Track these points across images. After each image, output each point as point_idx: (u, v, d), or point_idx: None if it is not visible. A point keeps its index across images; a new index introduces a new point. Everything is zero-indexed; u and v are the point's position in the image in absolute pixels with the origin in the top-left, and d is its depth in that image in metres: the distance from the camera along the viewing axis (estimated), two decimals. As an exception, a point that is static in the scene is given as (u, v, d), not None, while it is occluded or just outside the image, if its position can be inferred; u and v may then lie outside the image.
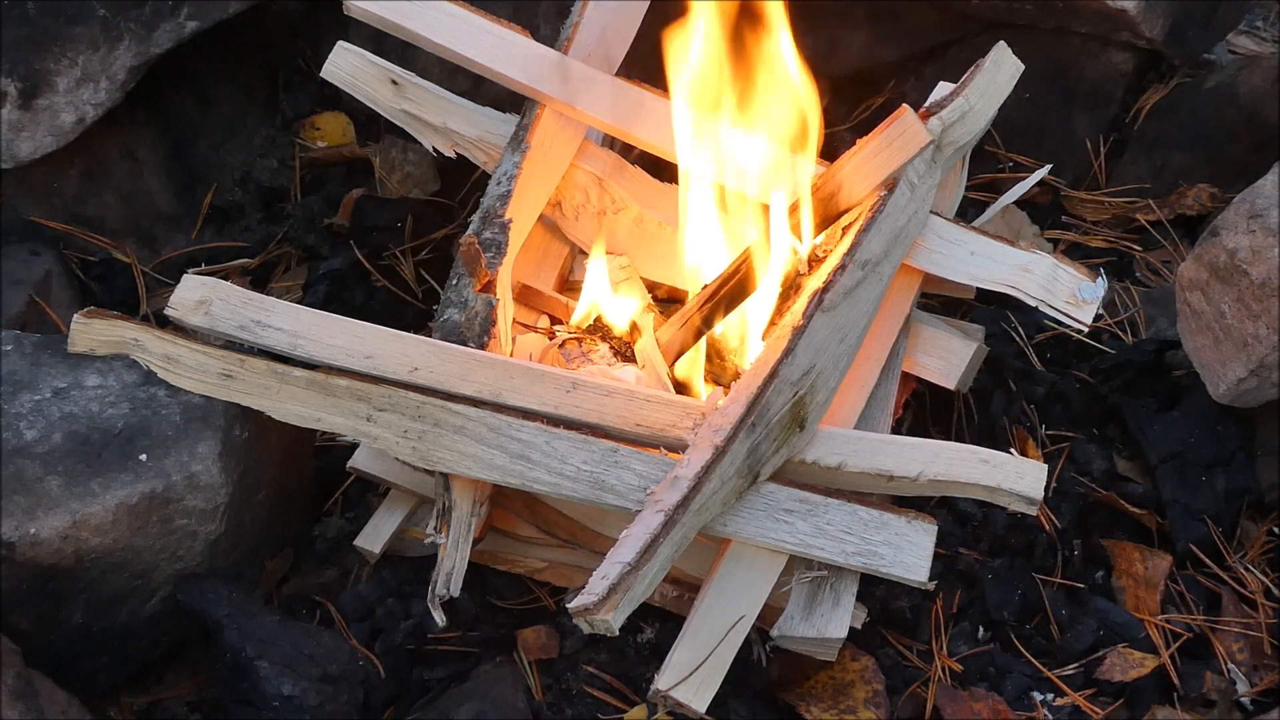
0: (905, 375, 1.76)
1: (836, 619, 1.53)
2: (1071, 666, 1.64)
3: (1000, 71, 1.70)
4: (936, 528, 1.52)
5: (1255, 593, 1.70)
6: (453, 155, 1.85)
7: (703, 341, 1.71)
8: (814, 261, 1.65)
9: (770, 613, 1.54)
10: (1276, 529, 1.77)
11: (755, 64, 1.69)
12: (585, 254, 1.84)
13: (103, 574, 1.53)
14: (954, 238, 1.72)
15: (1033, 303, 1.68)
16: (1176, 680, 1.62)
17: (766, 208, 1.76)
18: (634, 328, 1.74)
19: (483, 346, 1.59)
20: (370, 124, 2.21)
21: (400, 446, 1.53)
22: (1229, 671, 1.64)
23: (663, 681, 1.44)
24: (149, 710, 1.61)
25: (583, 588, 1.36)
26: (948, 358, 1.77)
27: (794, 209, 1.65)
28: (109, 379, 1.60)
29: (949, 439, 1.81)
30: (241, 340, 1.58)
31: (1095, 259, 2.11)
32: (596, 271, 1.75)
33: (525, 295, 1.81)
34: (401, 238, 2.08)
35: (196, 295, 1.59)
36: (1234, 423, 1.78)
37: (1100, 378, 1.91)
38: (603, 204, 1.84)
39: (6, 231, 2.02)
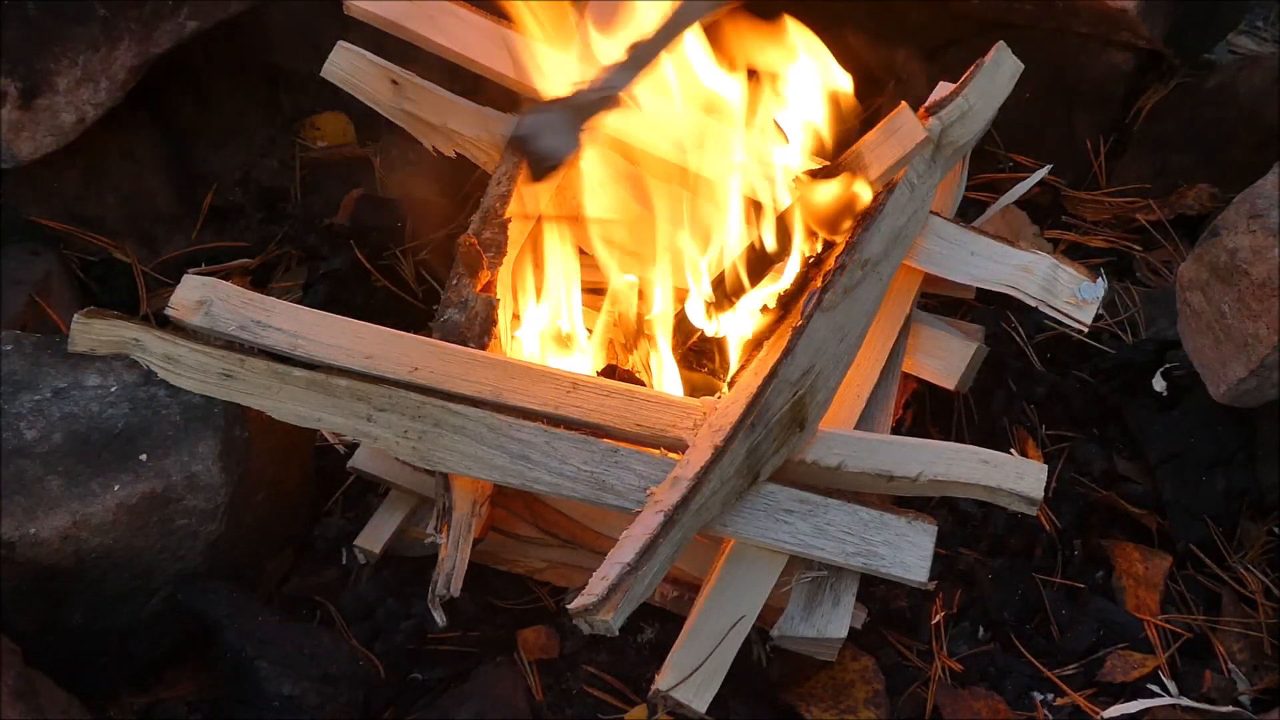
0: (905, 375, 1.76)
1: (836, 619, 1.53)
2: (1071, 666, 1.64)
3: (1000, 71, 1.70)
4: (936, 528, 1.52)
5: (1255, 593, 1.70)
6: (453, 155, 1.85)
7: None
8: (814, 261, 1.65)
9: (770, 613, 1.54)
10: (1276, 529, 1.77)
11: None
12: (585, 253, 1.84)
13: (103, 574, 1.53)
14: (954, 238, 1.72)
15: (1033, 303, 1.68)
16: (1176, 680, 1.62)
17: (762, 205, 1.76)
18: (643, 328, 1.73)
19: (483, 346, 1.59)
20: (370, 124, 2.21)
21: (400, 446, 1.53)
22: (1229, 671, 1.64)
23: (663, 681, 1.44)
24: (149, 710, 1.61)
25: (583, 588, 1.36)
26: (948, 358, 1.77)
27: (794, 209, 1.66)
28: (109, 379, 1.60)
29: (949, 439, 1.81)
30: (241, 340, 1.58)
31: (1095, 259, 2.11)
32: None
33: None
34: (401, 238, 2.08)
35: (196, 295, 1.59)
36: (1234, 423, 1.78)
37: (1100, 378, 1.91)
38: (603, 204, 1.84)
39: (6, 231, 2.02)
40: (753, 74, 1.71)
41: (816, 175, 1.64)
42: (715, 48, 1.69)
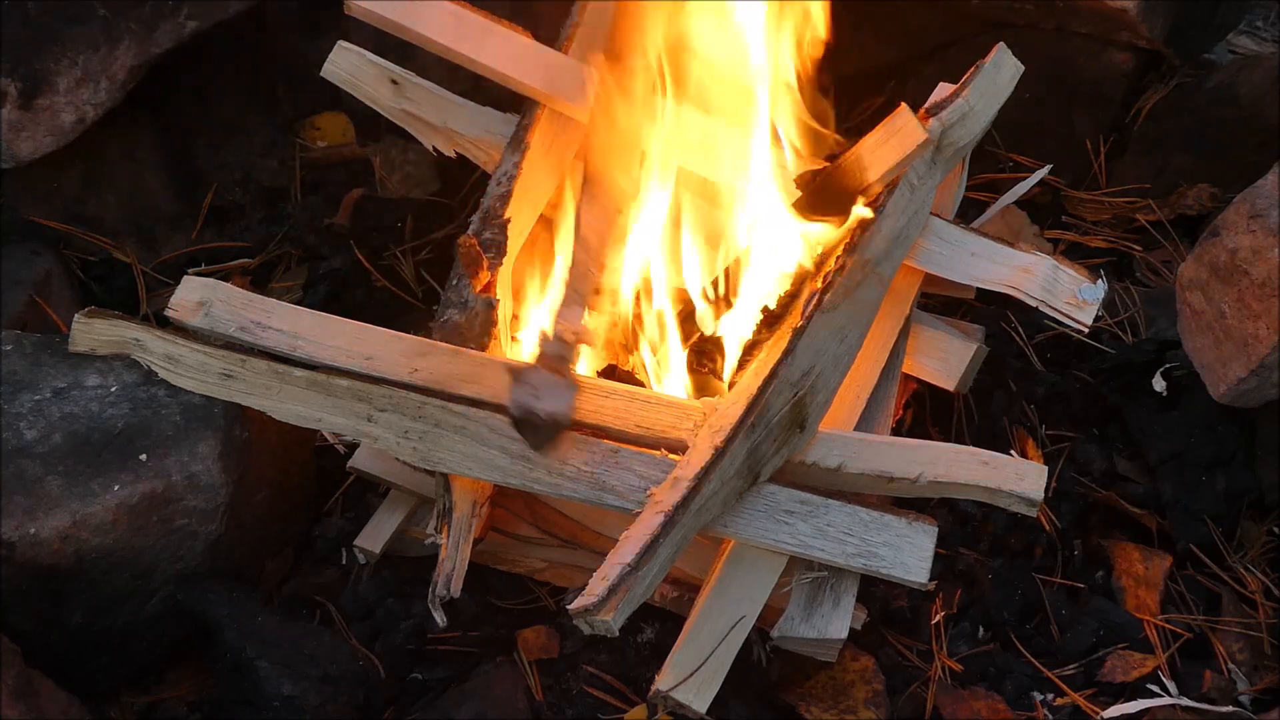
0: (905, 376, 1.75)
1: (836, 620, 1.53)
2: (1071, 666, 1.64)
3: (1000, 72, 1.70)
4: (936, 529, 1.52)
5: (1255, 593, 1.70)
6: (453, 155, 1.85)
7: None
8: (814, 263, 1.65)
9: (770, 613, 1.54)
10: (1276, 529, 1.77)
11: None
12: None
13: (103, 574, 1.53)
14: (954, 238, 1.72)
15: (1033, 303, 1.68)
16: (1176, 680, 1.62)
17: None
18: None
19: (483, 347, 1.59)
20: (370, 124, 2.21)
21: (401, 447, 1.53)
22: (1229, 671, 1.64)
23: (663, 682, 1.44)
24: (149, 710, 1.61)
25: (583, 588, 1.36)
26: (948, 358, 1.77)
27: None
28: (109, 379, 1.60)
29: (949, 440, 1.81)
30: (241, 342, 1.58)
31: (1095, 259, 2.11)
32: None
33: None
34: (401, 238, 2.08)
35: (196, 297, 1.60)
36: (1234, 423, 1.78)
37: (1100, 378, 1.91)
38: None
39: (6, 231, 2.02)
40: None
41: (817, 175, 1.64)
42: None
